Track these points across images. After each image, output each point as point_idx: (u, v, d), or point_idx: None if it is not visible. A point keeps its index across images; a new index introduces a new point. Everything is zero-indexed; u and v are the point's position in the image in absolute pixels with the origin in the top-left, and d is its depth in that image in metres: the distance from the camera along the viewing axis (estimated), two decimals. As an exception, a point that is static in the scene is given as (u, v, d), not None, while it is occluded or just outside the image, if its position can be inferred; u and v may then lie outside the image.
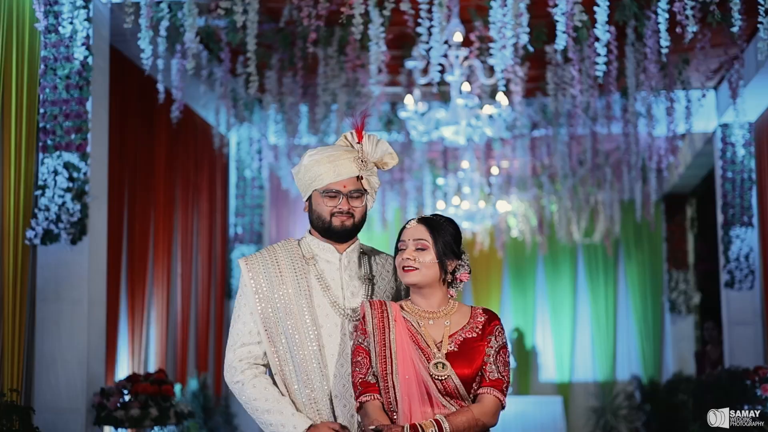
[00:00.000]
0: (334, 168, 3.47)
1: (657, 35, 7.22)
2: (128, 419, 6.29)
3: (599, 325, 14.38)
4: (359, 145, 3.53)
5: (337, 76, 7.72)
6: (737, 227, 10.09)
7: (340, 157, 3.49)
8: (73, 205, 6.28)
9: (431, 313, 3.38)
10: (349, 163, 3.49)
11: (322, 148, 3.54)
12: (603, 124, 8.92)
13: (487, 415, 3.24)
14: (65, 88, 6.37)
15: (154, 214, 8.35)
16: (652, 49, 6.98)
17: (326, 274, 3.54)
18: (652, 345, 14.13)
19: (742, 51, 8.16)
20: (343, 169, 3.48)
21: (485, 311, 3.41)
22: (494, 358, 3.31)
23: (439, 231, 3.36)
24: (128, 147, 7.84)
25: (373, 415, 3.23)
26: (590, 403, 13.92)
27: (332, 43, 7.40)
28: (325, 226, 3.52)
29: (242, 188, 10.50)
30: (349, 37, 7.00)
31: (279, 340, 3.47)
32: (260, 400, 3.43)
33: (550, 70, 7.71)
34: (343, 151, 3.51)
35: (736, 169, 10.08)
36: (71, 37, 6.32)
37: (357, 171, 3.50)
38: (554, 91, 7.85)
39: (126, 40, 7.21)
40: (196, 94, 8.48)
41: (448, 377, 3.24)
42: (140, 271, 8.01)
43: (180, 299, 8.94)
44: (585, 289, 14.53)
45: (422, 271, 3.33)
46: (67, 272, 6.36)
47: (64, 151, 6.34)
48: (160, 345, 8.32)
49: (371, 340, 3.32)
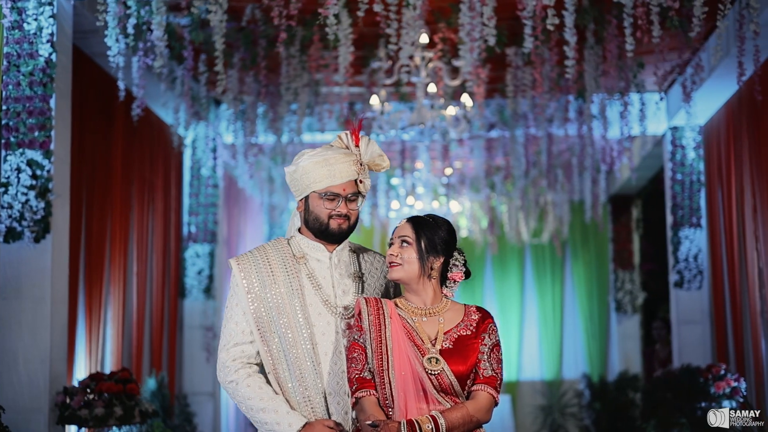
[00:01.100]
0: (335, 171, 3.52)
1: (616, 39, 7.37)
2: (92, 418, 6.24)
3: (546, 324, 14.56)
4: (357, 148, 3.57)
5: (299, 76, 7.73)
6: (686, 228, 10.29)
7: (340, 161, 3.54)
8: (37, 203, 6.22)
9: (425, 311, 3.44)
10: (348, 167, 3.54)
11: (320, 151, 3.57)
12: (559, 125, 9.05)
13: (481, 411, 3.32)
14: (29, 85, 6.31)
15: (111, 212, 8.29)
16: (612, 53, 7.10)
17: (317, 273, 3.58)
18: (598, 344, 14.34)
19: (693, 54, 8.34)
20: (343, 172, 3.53)
21: (479, 309, 3.49)
22: (488, 356, 3.39)
23: (424, 228, 3.43)
24: (86, 145, 7.78)
25: (369, 411, 3.28)
26: (537, 401, 14.09)
27: (295, 43, 7.41)
28: (323, 228, 3.57)
29: (196, 187, 10.46)
30: (313, 36, 7.03)
31: (272, 340, 3.50)
32: (254, 399, 3.46)
33: (510, 72, 7.81)
34: (342, 154, 3.55)
35: (685, 172, 10.27)
36: (36, 33, 6.26)
37: (356, 174, 3.55)
38: (513, 92, 7.94)
39: (86, 38, 7.16)
40: (155, 92, 8.44)
41: (442, 371, 3.30)
42: (98, 269, 7.95)
43: (136, 298, 8.89)
44: (532, 289, 14.72)
45: (404, 267, 3.41)
46: (30, 270, 6.29)
47: (28, 148, 6.28)
48: (117, 344, 8.27)
49: (367, 336, 3.37)
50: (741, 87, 8.77)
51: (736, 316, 9.48)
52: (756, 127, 8.70)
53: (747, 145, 8.95)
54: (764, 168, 8.46)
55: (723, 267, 9.87)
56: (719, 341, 9.97)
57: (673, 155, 10.31)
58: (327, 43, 6.83)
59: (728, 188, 9.58)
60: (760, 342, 8.73)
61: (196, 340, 10.25)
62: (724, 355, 9.75)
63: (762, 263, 8.63)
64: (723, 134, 9.72)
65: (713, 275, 10.14)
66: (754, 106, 8.70)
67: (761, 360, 8.71)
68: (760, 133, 8.57)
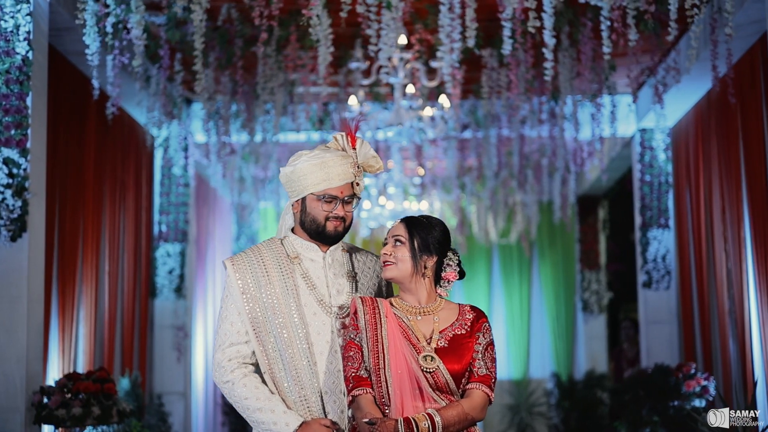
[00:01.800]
0: (332, 174, 3.56)
1: (590, 41, 7.45)
2: (70, 418, 6.22)
3: (513, 324, 14.66)
4: (354, 150, 3.60)
5: (274, 75, 7.74)
6: (655, 229, 10.42)
7: (338, 163, 3.57)
8: (14, 202, 6.19)
9: (420, 309, 3.49)
10: (346, 169, 3.58)
11: (318, 153, 3.60)
12: (532, 127, 9.12)
13: (476, 409, 3.37)
14: (5, 83, 6.26)
15: (83, 211, 8.25)
16: (587, 55, 7.17)
17: (311, 273, 3.61)
18: (564, 343, 14.45)
19: (664, 56, 8.43)
20: (340, 175, 3.57)
21: (473, 309, 3.54)
22: (482, 355, 3.44)
23: (417, 228, 3.48)
24: (60, 144, 7.73)
25: (366, 409, 3.32)
26: (505, 400, 14.16)
27: (271, 42, 7.41)
28: (320, 230, 3.60)
29: (167, 186, 10.43)
30: (290, 36, 7.04)
31: (268, 339, 3.53)
32: (251, 398, 3.48)
33: (486, 74, 7.86)
34: (340, 157, 3.58)
35: (654, 173, 10.40)
36: (12, 31, 6.22)
37: (353, 177, 3.59)
38: (488, 94, 8.00)
39: (60, 35, 7.12)
40: (128, 91, 8.41)
41: (437, 369, 3.35)
42: (71, 268, 7.91)
43: (108, 298, 8.85)
44: (500, 289, 14.81)
45: (398, 265, 3.47)
46: (6, 269, 6.25)
47: (4, 146, 6.23)
48: (90, 344, 8.23)
49: (363, 335, 3.41)
50: (711, 89, 8.90)
51: (704, 316, 9.60)
52: (725, 129, 8.82)
53: (716, 147, 9.07)
54: (733, 169, 8.57)
55: (691, 268, 10.00)
56: (687, 341, 10.10)
57: (642, 157, 10.44)
58: (304, 43, 6.85)
59: (697, 190, 9.70)
60: (728, 342, 8.86)
61: (167, 339, 10.22)
62: (692, 354, 9.88)
63: (731, 264, 8.75)
64: (692, 136, 9.84)
65: (681, 276, 10.27)
66: (723, 108, 8.82)
67: (729, 359, 8.84)
68: (729, 135, 8.68)
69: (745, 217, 8.32)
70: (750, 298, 8.20)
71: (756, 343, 8.09)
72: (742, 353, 8.45)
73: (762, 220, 7.88)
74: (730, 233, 8.72)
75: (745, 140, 8.29)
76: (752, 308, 8.15)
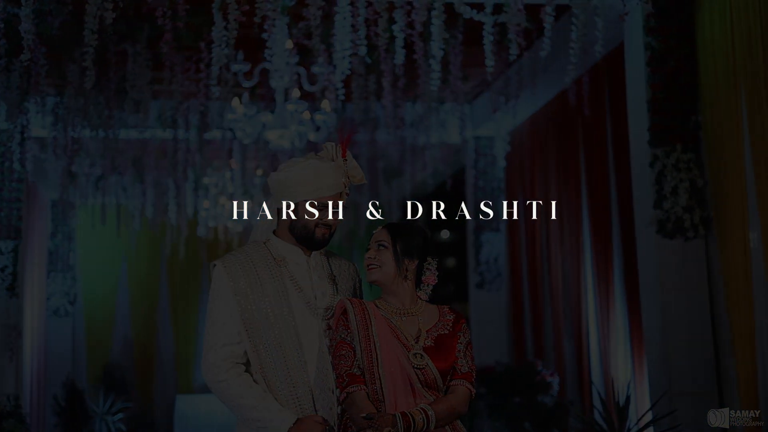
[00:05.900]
0: (324, 183, 3.68)
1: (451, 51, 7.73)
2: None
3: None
4: (344, 161, 3.72)
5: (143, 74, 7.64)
6: (487, 233, 10.88)
7: (330, 173, 3.69)
8: None
9: (404, 310, 3.67)
10: (338, 179, 3.71)
11: (311, 161, 3.70)
12: (388, 131, 9.33)
13: (462, 404, 3.60)
14: None
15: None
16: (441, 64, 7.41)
17: (297, 276, 3.72)
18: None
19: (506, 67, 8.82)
20: (332, 185, 3.70)
21: (452, 310, 3.76)
22: (463, 353, 3.66)
23: (400, 233, 3.68)
24: None
25: (362, 405, 3.47)
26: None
27: (141, 40, 7.32)
28: (309, 236, 3.71)
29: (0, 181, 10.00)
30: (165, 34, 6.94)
31: (260, 340, 3.61)
32: (246, 397, 3.55)
33: (355, 80, 8.00)
34: (333, 167, 3.71)
35: (487, 178, 10.86)
36: None
37: (343, 187, 3.73)
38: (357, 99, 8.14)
39: None
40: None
41: (426, 366, 3.55)
42: None
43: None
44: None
45: (382, 268, 3.65)
46: None
47: None
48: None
49: (355, 335, 3.56)
50: (550, 101, 9.39)
51: (536, 316, 10.12)
52: (564, 139, 9.33)
53: (555, 156, 9.58)
54: (572, 177, 9.09)
55: (523, 271, 10.51)
56: (518, 341, 10.61)
57: (476, 163, 10.87)
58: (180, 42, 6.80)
59: (531, 196, 10.21)
60: (563, 342, 9.39)
61: (-1, 339, 9.81)
62: (523, 353, 10.38)
63: (567, 267, 9.27)
64: (527, 144, 10.34)
65: (511, 277, 10.77)
66: (560, 118, 9.32)
67: (563, 358, 9.37)
68: (569, 145, 9.20)
69: (584, 223, 8.84)
70: (588, 301, 8.72)
71: (594, 343, 8.62)
72: (578, 353, 8.98)
73: (602, 227, 8.41)
74: (568, 238, 9.23)
75: (587, 150, 8.81)
76: (590, 310, 8.68)
